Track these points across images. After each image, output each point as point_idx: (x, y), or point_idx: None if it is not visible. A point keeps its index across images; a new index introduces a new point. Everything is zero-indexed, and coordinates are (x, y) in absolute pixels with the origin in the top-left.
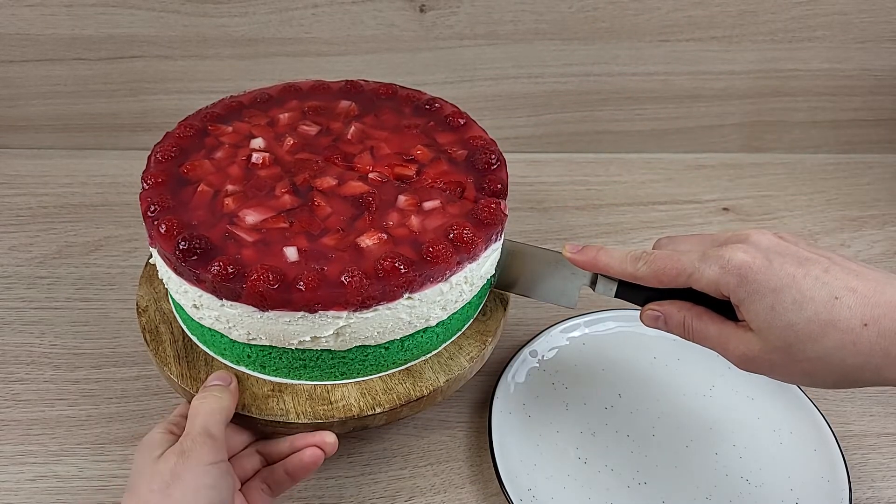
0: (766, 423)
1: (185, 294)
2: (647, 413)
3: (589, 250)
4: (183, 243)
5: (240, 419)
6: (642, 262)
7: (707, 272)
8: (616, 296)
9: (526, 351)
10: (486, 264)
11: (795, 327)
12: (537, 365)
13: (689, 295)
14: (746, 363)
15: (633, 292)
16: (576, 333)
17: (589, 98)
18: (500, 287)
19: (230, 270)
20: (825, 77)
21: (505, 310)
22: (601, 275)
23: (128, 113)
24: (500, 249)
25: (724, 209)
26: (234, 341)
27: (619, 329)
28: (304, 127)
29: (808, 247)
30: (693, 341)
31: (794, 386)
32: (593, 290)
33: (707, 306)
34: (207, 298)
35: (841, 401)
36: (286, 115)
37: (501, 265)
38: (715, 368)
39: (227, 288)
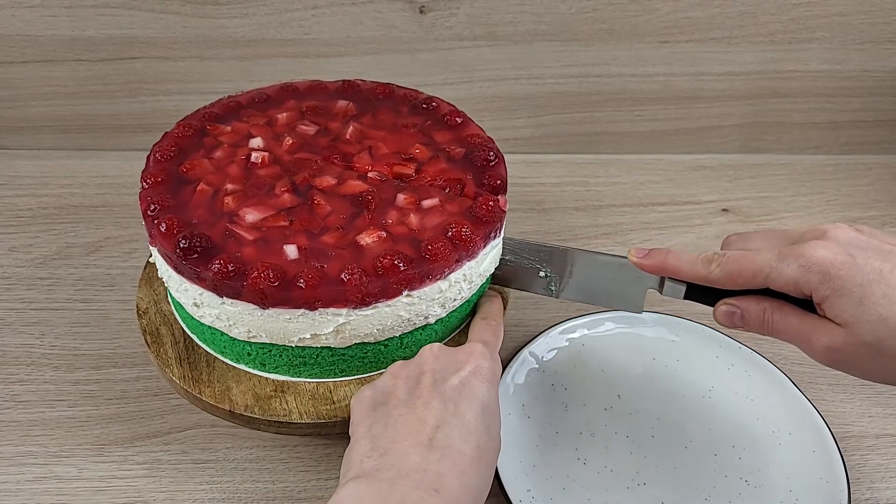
0: (765, 424)
1: (185, 292)
2: (647, 414)
3: (657, 254)
4: (183, 241)
5: (242, 420)
6: (715, 264)
7: (786, 271)
8: (685, 297)
9: (525, 352)
10: (485, 262)
11: (887, 321)
12: (537, 366)
13: (763, 294)
14: (830, 356)
15: (703, 293)
16: (575, 335)
17: (589, 99)
18: (565, 297)
19: (231, 268)
20: (824, 78)
21: (505, 309)
22: (668, 277)
23: (128, 114)
24: (500, 246)
25: (724, 210)
26: (235, 339)
27: (618, 330)
28: (303, 127)
29: (885, 238)
30: (772, 335)
31: (794, 386)
32: (660, 293)
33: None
34: (208, 296)
35: (840, 402)
36: (284, 114)
37: (564, 273)
38: (714, 370)
39: (228, 286)
